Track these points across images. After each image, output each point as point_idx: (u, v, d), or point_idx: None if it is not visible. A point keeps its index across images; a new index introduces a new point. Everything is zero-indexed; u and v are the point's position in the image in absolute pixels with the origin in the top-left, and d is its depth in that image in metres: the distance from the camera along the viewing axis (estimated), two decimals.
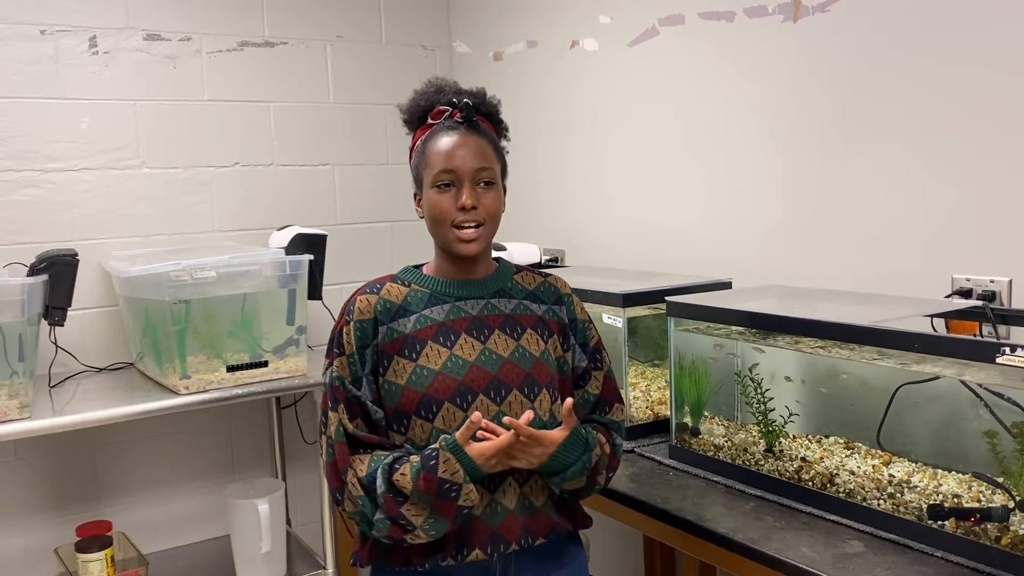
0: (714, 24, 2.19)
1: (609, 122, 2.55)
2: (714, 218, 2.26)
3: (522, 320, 1.52)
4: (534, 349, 1.49)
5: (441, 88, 1.54)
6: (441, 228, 1.47)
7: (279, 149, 2.90)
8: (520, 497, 1.45)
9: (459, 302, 1.51)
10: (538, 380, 1.47)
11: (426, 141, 1.50)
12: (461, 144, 1.46)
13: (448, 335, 1.47)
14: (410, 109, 1.56)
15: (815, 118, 1.99)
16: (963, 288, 1.71)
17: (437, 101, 1.52)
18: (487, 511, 1.43)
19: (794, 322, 1.61)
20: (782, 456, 1.66)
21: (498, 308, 1.51)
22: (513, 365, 1.46)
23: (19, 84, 2.50)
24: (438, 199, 1.46)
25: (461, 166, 1.44)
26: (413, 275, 1.55)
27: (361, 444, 1.44)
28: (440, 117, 1.51)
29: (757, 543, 1.42)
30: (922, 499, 1.42)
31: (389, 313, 1.48)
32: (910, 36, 1.78)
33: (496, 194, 1.48)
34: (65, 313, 2.25)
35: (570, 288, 1.61)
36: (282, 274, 2.35)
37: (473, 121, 1.50)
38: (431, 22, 3.17)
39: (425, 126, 1.53)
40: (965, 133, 1.71)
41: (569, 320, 1.56)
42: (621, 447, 1.56)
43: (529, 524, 1.46)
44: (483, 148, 1.48)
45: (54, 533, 2.59)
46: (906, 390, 1.56)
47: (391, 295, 1.50)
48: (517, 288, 1.56)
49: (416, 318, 1.48)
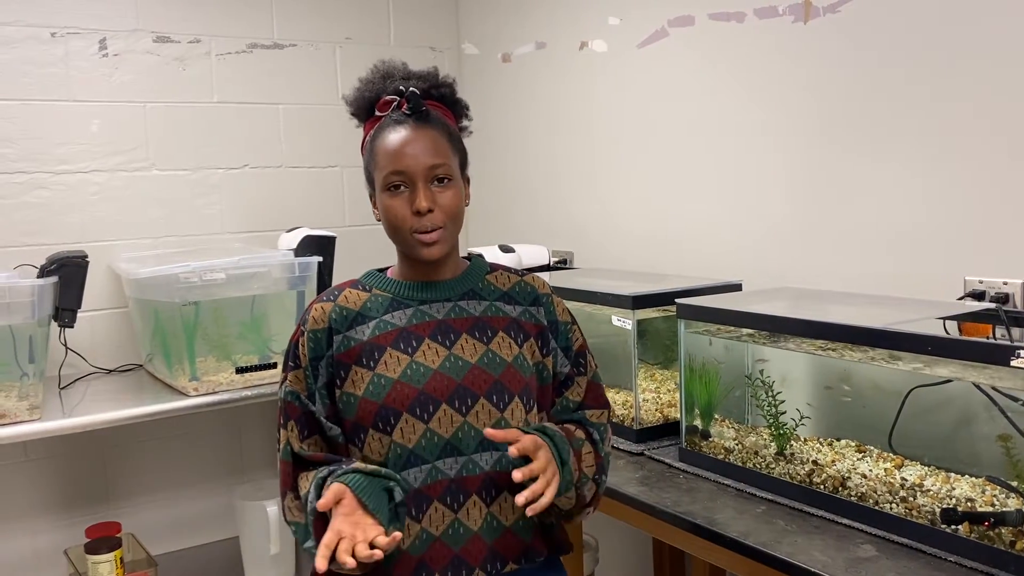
0: (724, 25, 2.18)
1: (618, 123, 2.54)
2: (724, 220, 2.25)
3: (493, 323, 1.40)
4: (506, 354, 1.37)
5: (388, 74, 1.42)
6: (399, 234, 1.36)
7: (288, 151, 2.90)
8: (487, 517, 1.33)
9: (423, 306, 1.39)
10: (509, 387, 1.35)
11: (374, 137, 1.39)
12: (410, 140, 1.34)
13: (409, 341, 1.36)
14: (355, 101, 1.45)
15: (826, 119, 1.98)
16: (976, 290, 1.70)
17: (383, 90, 1.40)
18: (448, 532, 1.31)
19: (807, 324, 1.60)
20: (793, 459, 1.65)
21: (467, 311, 1.40)
22: (481, 371, 1.34)
23: (30, 87, 2.51)
24: (391, 203, 1.35)
25: (412, 165, 1.33)
26: (375, 279, 1.45)
27: (311, 463, 1.36)
28: (388, 108, 1.39)
29: (769, 547, 1.41)
30: (935, 503, 1.41)
31: (345, 321, 1.38)
32: (920, 36, 1.77)
33: (454, 191, 1.36)
34: (75, 315, 2.25)
35: (550, 288, 1.49)
36: (291, 276, 2.35)
37: (423, 111, 1.37)
38: (440, 24, 3.17)
39: (373, 119, 1.42)
40: (977, 134, 1.70)
41: (549, 322, 1.44)
42: (603, 446, 1.42)
43: (497, 546, 1.33)
44: (436, 142, 1.35)
45: (64, 534, 2.59)
46: (918, 393, 1.54)
47: (348, 302, 1.40)
48: (489, 289, 1.44)
49: (375, 324, 1.37)
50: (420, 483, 1.32)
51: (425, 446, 1.32)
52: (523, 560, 1.36)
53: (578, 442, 1.37)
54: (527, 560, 1.36)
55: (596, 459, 1.40)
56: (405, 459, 1.32)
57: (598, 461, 1.40)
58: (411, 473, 1.32)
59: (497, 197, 3.02)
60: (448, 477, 1.32)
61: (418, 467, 1.32)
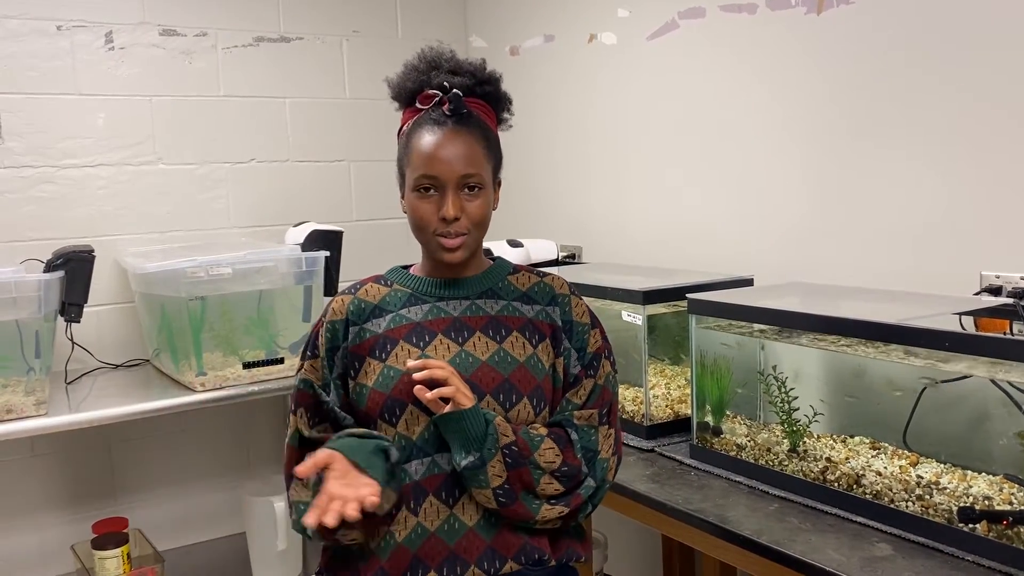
0: (735, 17, 2.15)
1: (628, 117, 2.52)
2: (733, 215, 2.22)
3: (508, 322, 1.39)
4: (518, 353, 1.36)
5: (435, 63, 1.39)
6: (423, 234, 1.37)
7: (295, 145, 2.89)
8: (483, 513, 1.31)
9: (440, 302, 1.40)
10: (518, 387, 1.33)
11: (411, 132, 1.37)
12: (446, 145, 1.32)
13: (422, 335, 1.36)
14: (398, 87, 1.42)
15: (839, 112, 1.95)
16: (992, 285, 1.67)
17: (427, 83, 1.37)
18: (444, 526, 1.30)
19: (820, 320, 1.58)
20: (806, 456, 1.63)
21: (483, 309, 1.40)
22: (490, 369, 1.34)
23: (36, 80, 2.50)
24: (418, 204, 1.34)
25: (445, 172, 1.32)
26: (398, 275, 1.46)
27: (318, 446, 1.33)
28: (428, 102, 1.37)
29: (782, 545, 1.39)
30: (951, 501, 1.39)
31: (363, 314, 1.40)
32: (937, 27, 1.74)
33: (483, 200, 1.36)
34: (81, 309, 2.24)
35: (570, 289, 1.47)
36: (298, 271, 2.34)
37: (463, 114, 1.35)
38: (447, 16, 3.15)
39: (413, 109, 1.40)
40: (993, 126, 1.68)
41: (563, 322, 1.41)
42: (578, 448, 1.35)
43: (496, 544, 1.31)
44: (471, 149, 1.33)
45: (70, 530, 2.58)
46: (933, 389, 1.52)
47: (368, 295, 1.42)
48: (508, 289, 1.43)
49: (391, 318, 1.39)
50: (420, 476, 1.32)
51: (428, 438, 1.33)
52: (523, 559, 1.32)
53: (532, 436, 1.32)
54: (528, 560, 1.33)
55: (565, 457, 1.33)
56: (409, 451, 1.33)
57: (568, 459, 1.33)
58: (412, 465, 1.33)
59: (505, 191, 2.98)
60: (445, 472, 1.32)
61: (419, 459, 1.33)
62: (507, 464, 1.29)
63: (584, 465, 1.35)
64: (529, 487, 1.31)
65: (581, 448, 1.36)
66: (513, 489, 1.30)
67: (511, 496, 1.30)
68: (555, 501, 1.33)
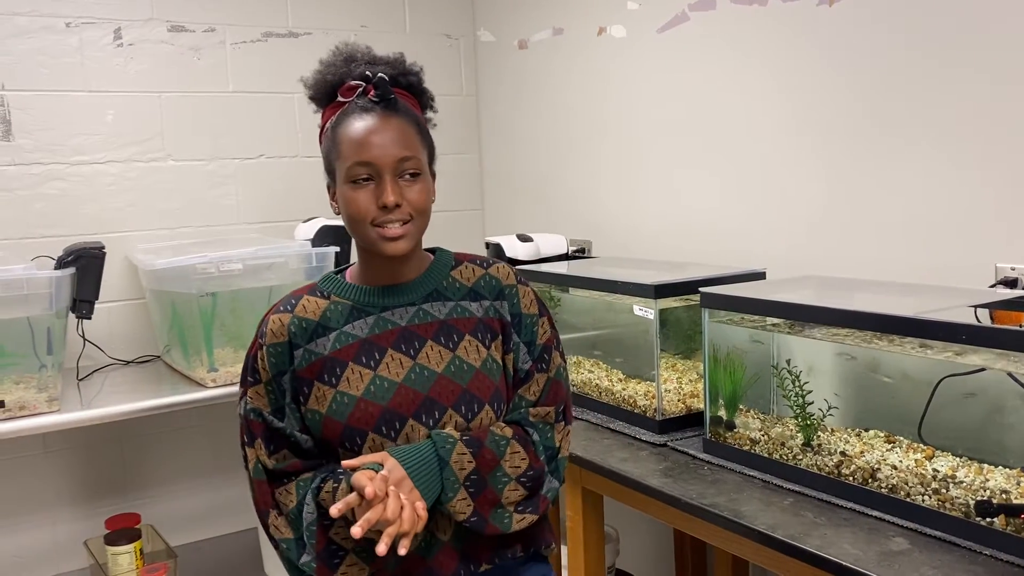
0: (746, 8, 2.14)
1: (637, 110, 2.51)
2: (745, 208, 2.21)
3: (459, 325, 1.33)
4: (473, 359, 1.32)
5: (351, 56, 1.33)
6: (360, 227, 1.28)
7: (304, 140, 2.88)
8: (456, 527, 1.30)
9: (385, 312, 1.33)
10: (479, 396, 1.31)
11: (337, 124, 1.30)
12: (378, 129, 1.25)
13: (372, 353, 1.30)
14: (316, 84, 1.35)
15: (852, 105, 1.94)
16: (1008, 277, 1.66)
17: (347, 74, 1.31)
18: (421, 544, 1.30)
19: (834, 313, 1.57)
20: (821, 450, 1.62)
21: (431, 314, 1.33)
22: (448, 381, 1.29)
23: (45, 77, 2.50)
24: (354, 196, 1.26)
25: (380, 156, 1.25)
26: (333, 284, 1.37)
27: (286, 475, 1.32)
28: (351, 94, 1.30)
29: (798, 540, 1.38)
30: (968, 495, 1.37)
31: (305, 333, 1.31)
32: (953, 19, 1.73)
33: (423, 185, 1.29)
34: (92, 306, 2.25)
35: (516, 278, 1.41)
36: (308, 266, 2.34)
37: (391, 99, 1.28)
38: (455, 10, 3.14)
39: (335, 104, 1.33)
40: (1008, 118, 1.66)
41: (512, 315, 1.37)
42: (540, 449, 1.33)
43: (468, 551, 1.31)
44: (405, 132, 1.27)
45: (83, 526, 2.60)
46: (949, 382, 1.51)
47: (307, 311, 1.33)
48: (455, 287, 1.37)
49: (336, 336, 1.31)
50: None
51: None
52: (496, 559, 1.34)
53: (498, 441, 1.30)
54: (500, 557, 1.34)
55: (530, 460, 1.32)
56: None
57: (533, 463, 1.32)
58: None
59: (514, 186, 3.00)
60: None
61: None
62: (471, 494, 1.28)
63: (546, 465, 1.35)
64: (495, 502, 1.30)
65: (543, 448, 1.35)
66: (482, 514, 1.29)
67: (482, 521, 1.29)
68: (523, 508, 1.33)
